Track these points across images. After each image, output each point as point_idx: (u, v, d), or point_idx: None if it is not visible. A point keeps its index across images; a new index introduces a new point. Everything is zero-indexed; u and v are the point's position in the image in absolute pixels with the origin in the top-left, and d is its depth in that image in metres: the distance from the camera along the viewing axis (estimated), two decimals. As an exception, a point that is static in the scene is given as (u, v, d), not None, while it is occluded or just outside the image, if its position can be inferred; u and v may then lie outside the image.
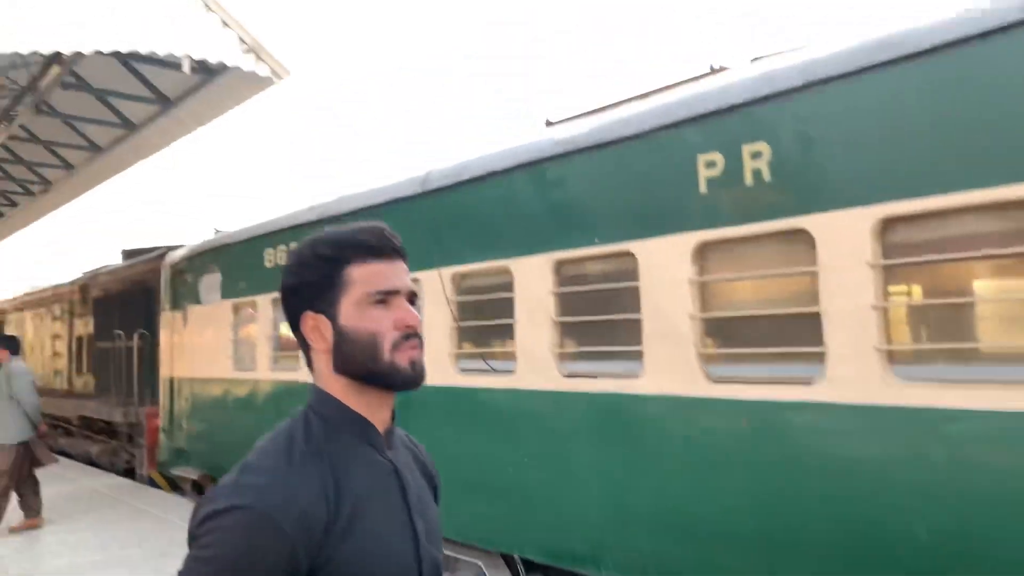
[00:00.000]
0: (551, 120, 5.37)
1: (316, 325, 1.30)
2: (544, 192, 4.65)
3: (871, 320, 3.12)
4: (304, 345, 1.33)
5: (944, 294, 3.18)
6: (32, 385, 8.10)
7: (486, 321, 5.13)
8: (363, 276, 1.28)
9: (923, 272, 3.21)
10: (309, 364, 1.35)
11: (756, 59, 4.23)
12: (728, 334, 3.79)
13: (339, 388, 1.30)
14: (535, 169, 4.69)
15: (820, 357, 3.31)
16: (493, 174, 4.99)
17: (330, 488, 1.18)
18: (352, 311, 1.27)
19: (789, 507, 3.37)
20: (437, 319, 5.29)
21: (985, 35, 2.90)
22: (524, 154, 4.79)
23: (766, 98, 3.55)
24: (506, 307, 4.82)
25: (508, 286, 4.82)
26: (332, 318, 1.28)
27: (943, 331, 3.14)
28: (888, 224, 3.13)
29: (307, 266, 1.30)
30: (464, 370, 5.13)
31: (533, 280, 4.62)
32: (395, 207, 5.76)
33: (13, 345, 8.45)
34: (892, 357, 3.12)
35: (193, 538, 1.14)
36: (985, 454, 2.85)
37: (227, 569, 1.09)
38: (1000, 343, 3.03)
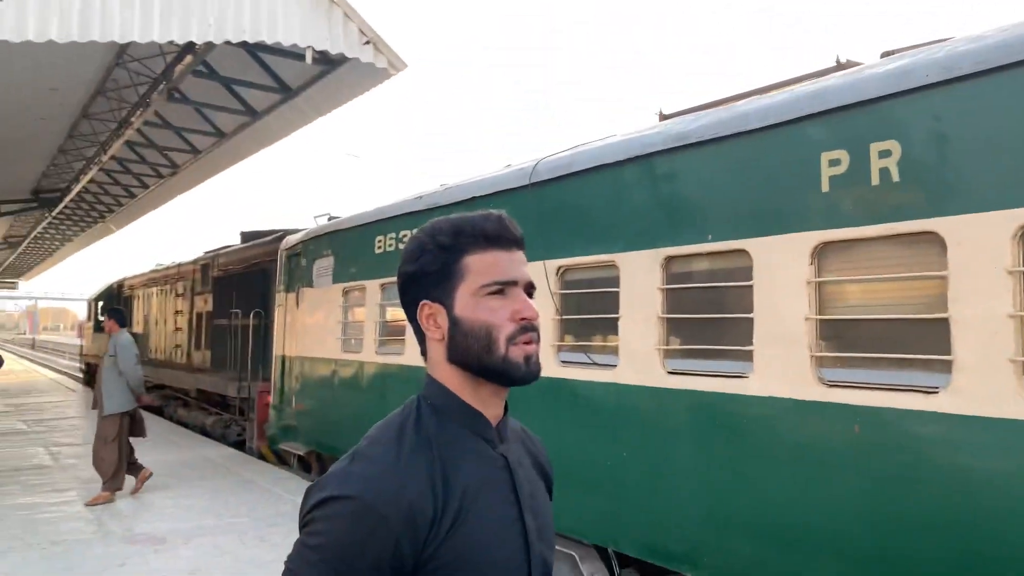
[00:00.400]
0: (665, 113, 5.29)
1: (432, 314, 1.27)
2: (655, 187, 4.59)
3: (1007, 330, 2.93)
4: (420, 333, 1.31)
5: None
6: (136, 358, 8.34)
7: (589, 315, 5.12)
8: (481, 265, 1.25)
9: (1067, 281, 2.99)
10: (424, 353, 1.32)
11: (887, 53, 4.04)
12: (844, 337, 3.65)
13: (453, 379, 1.26)
14: (647, 163, 4.64)
15: (946, 366, 3.14)
16: (603, 167, 4.97)
17: (438, 482, 1.15)
18: (468, 301, 1.24)
19: (904, 521, 3.22)
20: (539, 311, 5.30)
21: None
22: (636, 147, 4.75)
23: (899, 94, 3.39)
24: (610, 301, 4.80)
25: (614, 281, 4.79)
26: (448, 307, 1.25)
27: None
28: (1030, 229, 2.93)
29: (425, 254, 1.27)
30: (564, 362, 5.13)
31: (640, 275, 4.58)
32: (502, 198, 5.81)
33: (121, 317, 8.67)
34: (1028, 370, 2.92)
35: (303, 524, 1.15)
36: None
37: (333, 558, 1.09)
38: None
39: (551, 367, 5.14)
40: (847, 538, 3.42)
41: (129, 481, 8.45)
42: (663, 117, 5.33)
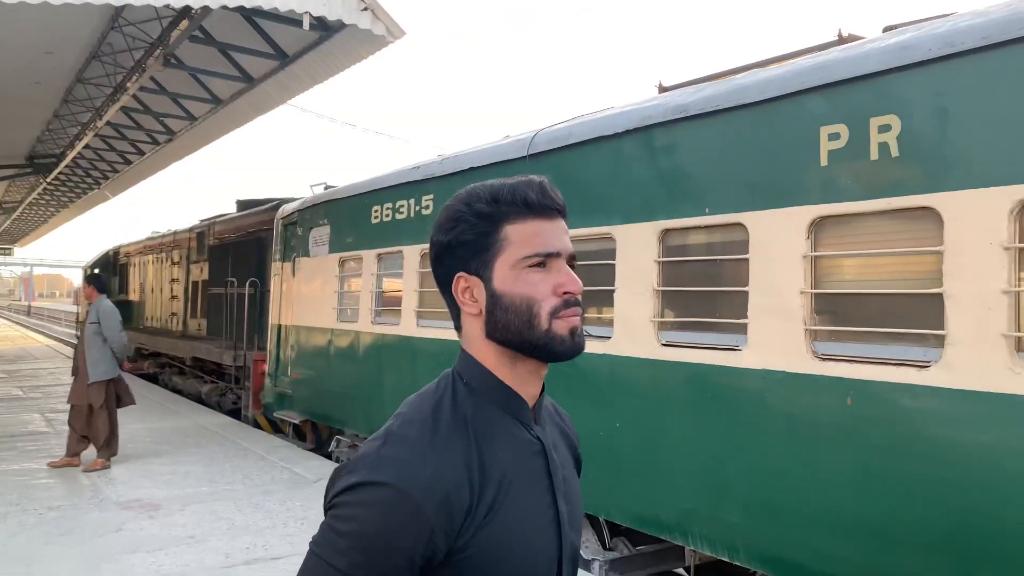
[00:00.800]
0: (665, 85, 5.26)
1: (468, 287, 1.20)
2: (654, 159, 4.58)
3: (1000, 305, 2.95)
4: (454, 307, 1.24)
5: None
6: (120, 324, 8.18)
7: (585, 287, 5.12)
8: (521, 236, 1.17)
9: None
10: (458, 327, 1.25)
11: (889, 28, 4.01)
12: (839, 311, 3.67)
13: (490, 356, 1.19)
14: (645, 135, 4.62)
15: (939, 340, 3.16)
16: (601, 139, 4.95)
17: (474, 468, 1.10)
18: (508, 273, 1.16)
19: (894, 492, 3.26)
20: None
21: None
22: (634, 119, 4.72)
23: (900, 69, 3.37)
24: (607, 274, 4.80)
25: (610, 253, 4.79)
26: (486, 280, 1.18)
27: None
28: (1027, 205, 2.94)
29: (461, 222, 1.19)
30: (561, 334, 5.14)
31: (637, 248, 4.57)
32: (499, 169, 5.79)
33: (100, 283, 8.46)
34: (1020, 345, 2.95)
35: (331, 507, 1.10)
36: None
37: (363, 547, 1.05)
38: None
39: (546, 338, 5.15)
40: (838, 508, 3.46)
41: (82, 456, 8.18)
42: (663, 89, 5.30)
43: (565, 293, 1.17)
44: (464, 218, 1.19)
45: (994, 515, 2.96)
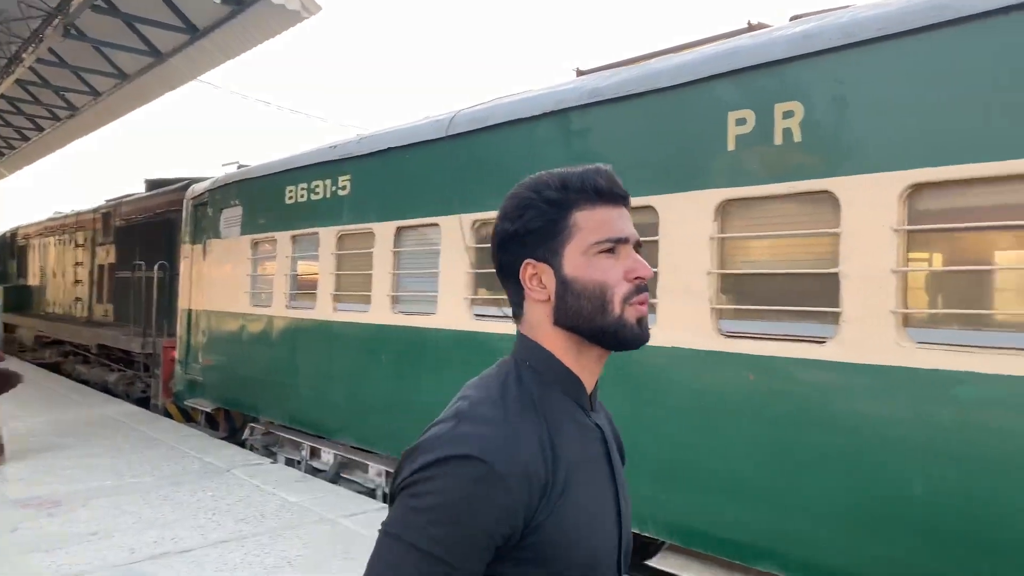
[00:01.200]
0: (582, 69, 5.30)
1: (536, 273, 1.21)
2: (568, 141, 4.62)
3: (890, 284, 3.11)
4: (516, 294, 1.25)
5: (963, 262, 3.16)
6: None
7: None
8: (591, 222, 1.19)
9: (945, 239, 3.19)
10: (517, 314, 1.26)
11: (795, 17, 4.14)
12: (742, 291, 3.79)
13: (557, 342, 1.21)
14: (562, 118, 4.66)
15: (834, 317, 3.31)
16: (519, 121, 4.95)
17: (547, 448, 1.10)
18: (579, 260, 1.18)
19: (792, 461, 3.41)
20: (454, 265, 5.30)
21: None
22: (551, 102, 4.75)
23: (803, 57, 3.49)
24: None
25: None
26: (556, 267, 1.19)
27: (960, 298, 3.14)
28: (916, 190, 3.10)
29: (529, 209, 1.21)
30: (479, 316, 5.15)
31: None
32: (419, 149, 5.74)
33: None
34: (907, 320, 3.12)
35: (404, 487, 1.08)
36: (991, 417, 2.88)
37: (447, 520, 1.03)
38: (1015, 311, 3.03)
39: (465, 320, 5.16)
40: (742, 478, 3.60)
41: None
42: (580, 73, 5.34)
43: (636, 278, 1.18)
44: (533, 204, 1.20)
45: (884, 480, 3.13)
